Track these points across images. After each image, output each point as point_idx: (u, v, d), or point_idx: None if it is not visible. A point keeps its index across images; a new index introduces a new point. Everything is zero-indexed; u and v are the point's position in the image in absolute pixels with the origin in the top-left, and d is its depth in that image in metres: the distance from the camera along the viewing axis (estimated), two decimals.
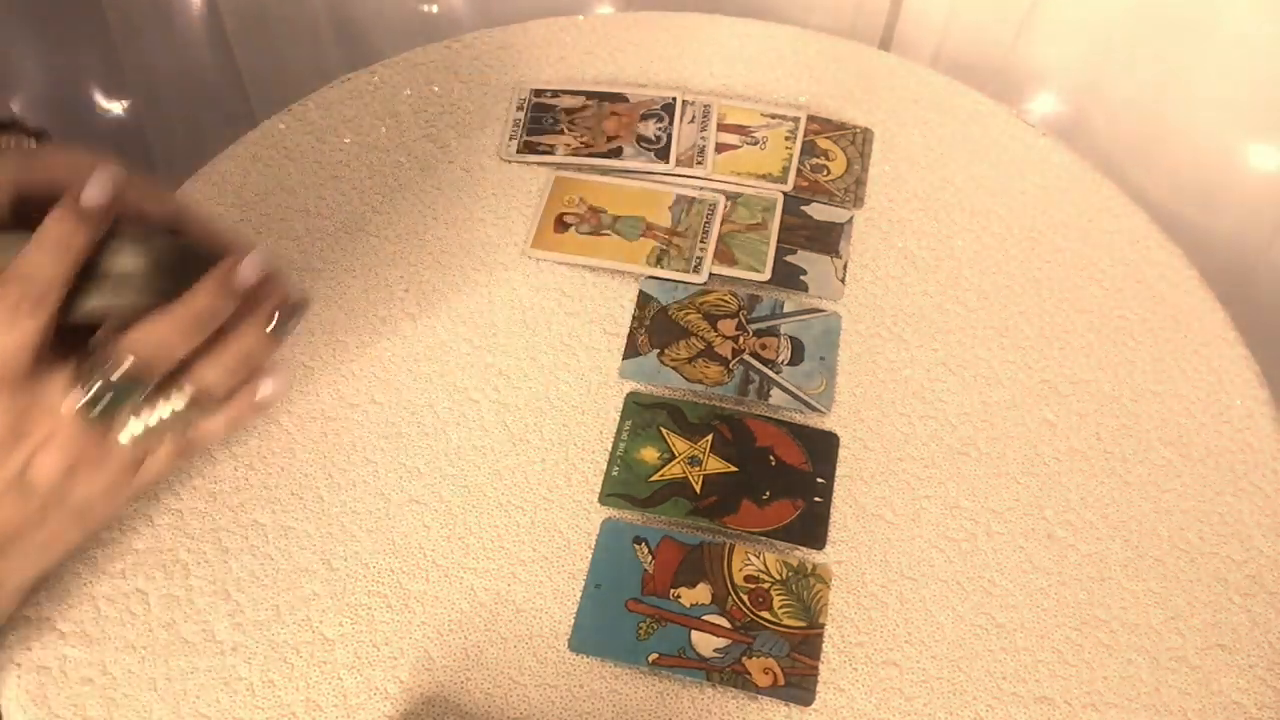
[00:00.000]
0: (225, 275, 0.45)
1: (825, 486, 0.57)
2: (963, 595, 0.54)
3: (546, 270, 0.66)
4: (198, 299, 0.44)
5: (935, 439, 0.59)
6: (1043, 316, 0.64)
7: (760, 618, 0.53)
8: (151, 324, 0.43)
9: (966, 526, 0.56)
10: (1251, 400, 0.61)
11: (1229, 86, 0.79)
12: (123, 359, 0.42)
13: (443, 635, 0.52)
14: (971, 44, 0.88)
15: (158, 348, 0.43)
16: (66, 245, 0.41)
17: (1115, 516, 0.57)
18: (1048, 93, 0.89)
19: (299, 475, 0.57)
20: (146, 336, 0.43)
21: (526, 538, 0.55)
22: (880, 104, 0.74)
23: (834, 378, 0.61)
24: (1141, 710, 0.51)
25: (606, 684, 0.51)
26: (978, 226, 0.68)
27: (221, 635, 0.52)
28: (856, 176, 0.70)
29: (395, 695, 0.51)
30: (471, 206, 0.68)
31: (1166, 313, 0.64)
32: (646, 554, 0.55)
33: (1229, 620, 0.54)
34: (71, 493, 0.44)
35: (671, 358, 0.61)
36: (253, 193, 0.68)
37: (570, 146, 0.71)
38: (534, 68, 0.76)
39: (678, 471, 0.57)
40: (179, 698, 0.50)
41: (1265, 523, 0.57)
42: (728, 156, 0.71)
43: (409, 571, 0.54)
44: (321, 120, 0.72)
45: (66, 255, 0.41)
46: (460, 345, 0.62)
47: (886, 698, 0.51)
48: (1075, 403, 0.61)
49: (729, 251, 0.66)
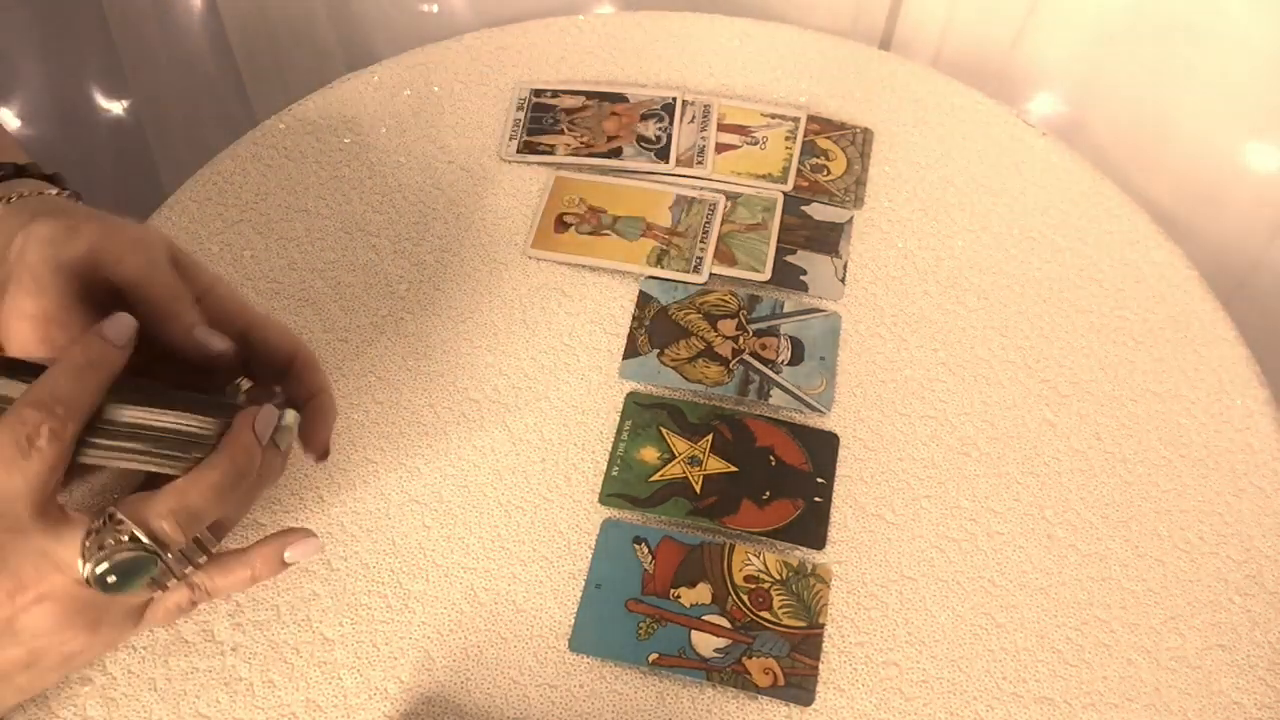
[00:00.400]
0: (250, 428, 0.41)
1: (825, 486, 0.57)
2: (963, 595, 0.54)
3: (546, 270, 0.66)
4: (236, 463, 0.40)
5: (935, 439, 0.59)
6: (1043, 316, 0.64)
7: (760, 618, 0.53)
8: (180, 492, 0.39)
9: (966, 526, 0.56)
10: (1251, 400, 0.61)
11: (1229, 86, 0.79)
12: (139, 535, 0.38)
13: (443, 635, 0.52)
14: (971, 44, 0.88)
15: (188, 521, 0.39)
16: (96, 366, 0.38)
17: (1115, 516, 0.57)
18: (1048, 93, 0.89)
19: (299, 475, 0.57)
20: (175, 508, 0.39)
21: (526, 538, 0.55)
22: (880, 104, 0.74)
23: (834, 378, 0.61)
24: (1141, 710, 0.51)
25: (606, 684, 0.51)
26: (978, 226, 0.68)
27: (221, 635, 0.52)
28: (856, 176, 0.70)
29: (395, 695, 0.51)
30: (471, 206, 0.68)
31: (1166, 313, 0.64)
32: (646, 554, 0.55)
33: (1229, 620, 0.54)
34: (59, 648, 0.40)
35: (671, 358, 0.61)
36: (253, 193, 0.68)
37: (570, 146, 0.71)
38: (534, 68, 0.76)
39: (678, 471, 0.57)
40: (179, 698, 0.50)
41: (1265, 523, 0.57)
42: (728, 156, 0.71)
43: (409, 571, 0.54)
44: (321, 120, 0.72)
45: (94, 378, 0.38)
46: (460, 345, 0.62)
47: (886, 698, 0.51)
48: (1075, 403, 0.61)
49: (729, 251, 0.66)
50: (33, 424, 0.37)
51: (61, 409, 0.38)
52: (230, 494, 0.41)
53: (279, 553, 0.45)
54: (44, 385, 0.38)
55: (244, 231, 0.66)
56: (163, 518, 0.39)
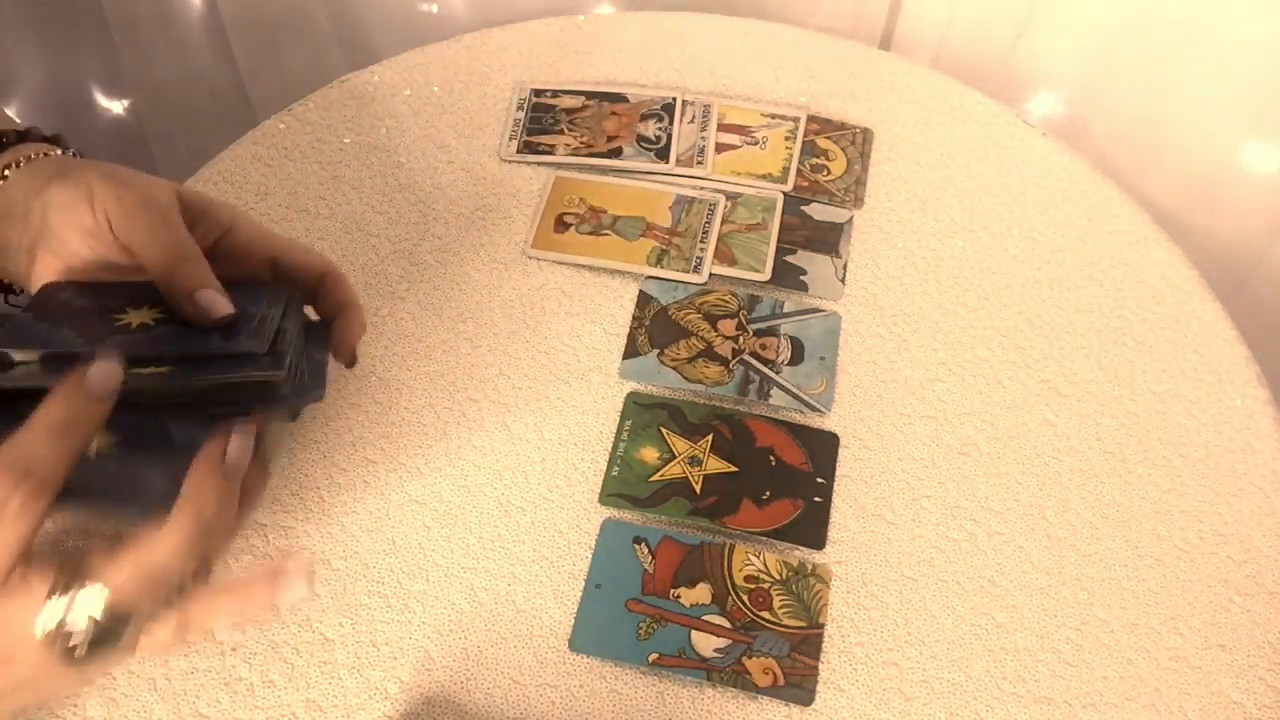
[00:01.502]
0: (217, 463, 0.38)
1: (825, 486, 0.57)
2: (963, 595, 0.54)
3: (546, 270, 0.66)
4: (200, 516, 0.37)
5: (935, 439, 0.59)
6: (1043, 316, 0.64)
7: (760, 618, 0.53)
8: (145, 551, 0.36)
9: (966, 526, 0.56)
10: (1251, 400, 0.61)
11: (1229, 86, 0.79)
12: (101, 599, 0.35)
13: (443, 635, 0.52)
14: (971, 44, 0.88)
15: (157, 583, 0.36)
16: (74, 431, 0.36)
17: (1115, 516, 0.57)
18: (1048, 93, 0.89)
19: (299, 475, 0.57)
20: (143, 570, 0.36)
21: (526, 538, 0.55)
22: (880, 104, 0.74)
23: (834, 378, 0.61)
24: (1141, 710, 0.51)
25: (606, 684, 0.51)
26: (978, 226, 0.68)
27: (221, 635, 0.52)
28: (856, 176, 0.70)
29: (395, 695, 0.51)
30: (471, 206, 0.68)
31: (1166, 313, 0.64)
32: (646, 554, 0.55)
33: (1229, 620, 0.54)
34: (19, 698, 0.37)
35: (671, 358, 0.61)
36: (253, 193, 0.68)
37: (570, 146, 0.71)
38: (534, 68, 0.76)
39: (678, 471, 0.57)
40: (179, 698, 0.50)
41: (1265, 523, 0.57)
42: (728, 156, 0.71)
43: (409, 571, 0.54)
44: (321, 120, 0.72)
45: (71, 443, 0.36)
46: (460, 345, 0.62)
47: (886, 698, 0.51)
48: (1075, 403, 0.61)
49: (729, 251, 0.66)
50: (3, 490, 0.35)
51: (36, 478, 0.35)
52: (201, 545, 0.38)
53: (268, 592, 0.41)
54: (19, 448, 0.35)
55: None
56: (128, 580, 0.36)
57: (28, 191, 0.45)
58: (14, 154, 0.48)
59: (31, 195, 0.45)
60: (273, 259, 0.48)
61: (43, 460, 0.35)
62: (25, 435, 0.36)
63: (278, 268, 0.49)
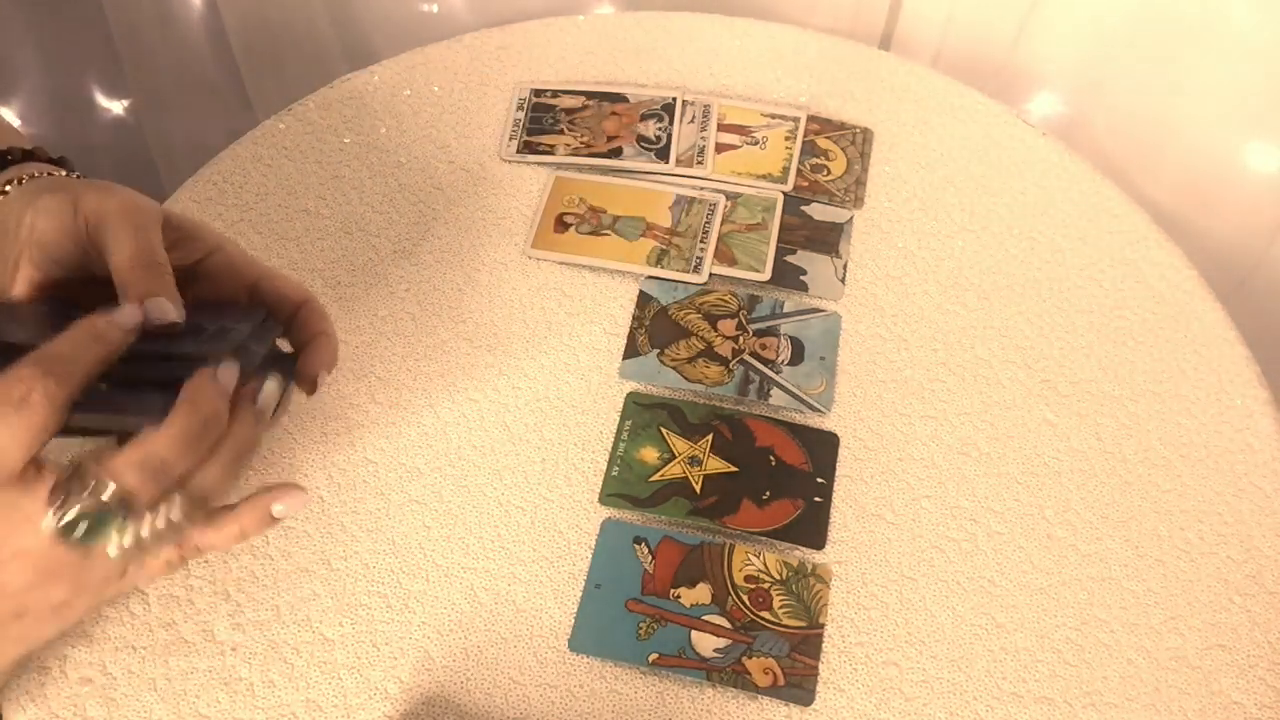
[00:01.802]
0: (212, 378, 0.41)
1: (825, 486, 0.57)
2: (963, 595, 0.54)
3: (546, 270, 0.66)
4: (198, 411, 0.40)
5: (935, 439, 0.59)
6: (1043, 316, 0.64)
7: (760, 618, 0.53)
8: (146, 443, 0.39)
9: (966, 526, 0.56)
10: (1251, 400, 0.61)
11: (1229, 86, 0.79)
12: (105, 485, 0.38)
13: (443, 635, 0.52)
14: (971, 44, 0.88)
15: (155, 472, 0.39)
16: (100, 340, 0.39)
17: (1115, 516, 0.57)
18: (1048, 93, 0.89)
19: (299, 475, 0.57)
20: (141, 459, 0.39)
21: (526, 538, 0.55)
22: (880, 104, 0.74)
23: (834, 378, 0.61)
24: (1141, 710, 0.51)
25: (606, 684, 0.51)
26: (978, 226, 0.68)
27: (221, 635, 0.52)
28: (856, 176, 0.70)
29: (395, 695, 0.51)
30: (471, 206, 0.68)
31: (1166, 313, 0.64)
32: (646, 554, 0.55)
33: (1229, 620, 0.54)
34: (45, 600, 0.40)
35: (671, 358, 0.61)
36: (253, 193, 0.68)
37: (570, 146, 0.71)
38: (534, 68, 0.76)
39: (678, 471, 0.57)
40: (179, 698, 0.50)
41: (1265, 523, 0.57)
42: (728, 156, 0.71)
43: (409, 571, 0.54)
44: (321, 120, 0.72)
45: (96, 350, 0.39)
46: (460, 345, 0.62)
47: (886, 698, 0.51)
48: (1075, 403, 0.61)
49: (729, 251, 0.66)
50: (28, 381, 0.37)
51: (59, 370, 0.38)
52: (197, 443, 0.40)
53: (267, 507, 0.44)
54: (45, 348, 0.39)
55: (244, 231, 0.66)
56: (128, 467, 0.39)
57: (22, 206, 0.45)
58: (18, 170, 0.48)
59: (25, 208, 0.45)
60: (255, 281, 0.48)
61: (67, 357, 0.38)
62: (53, 341, 0.39)
63: (257, 292, 0.48)
